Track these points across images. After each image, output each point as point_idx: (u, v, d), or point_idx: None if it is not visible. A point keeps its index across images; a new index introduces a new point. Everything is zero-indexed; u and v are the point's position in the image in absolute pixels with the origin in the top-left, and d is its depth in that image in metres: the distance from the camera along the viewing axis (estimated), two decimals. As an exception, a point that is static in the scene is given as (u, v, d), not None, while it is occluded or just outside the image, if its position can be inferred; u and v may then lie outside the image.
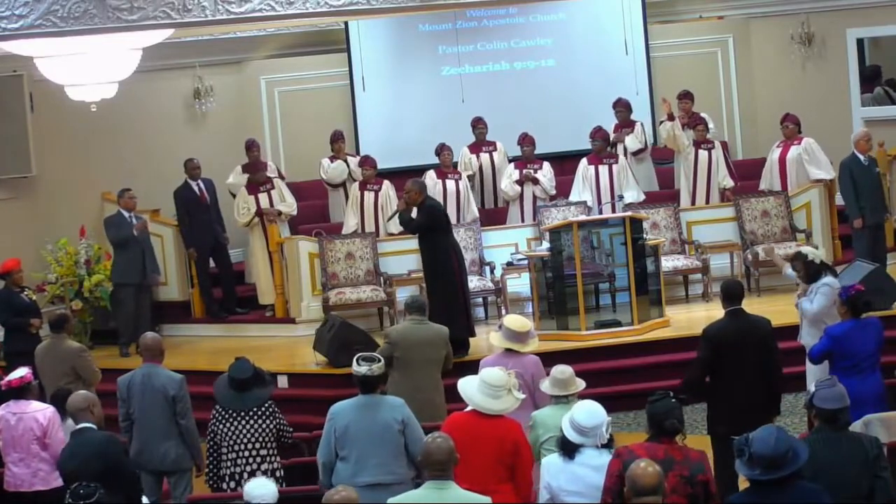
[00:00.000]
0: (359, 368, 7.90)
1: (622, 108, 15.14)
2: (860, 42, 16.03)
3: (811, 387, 7.06)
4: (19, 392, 9.23)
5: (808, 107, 15.24)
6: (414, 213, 12.14)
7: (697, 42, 16.49)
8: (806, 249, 10.34)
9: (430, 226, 12.05)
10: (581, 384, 8.08)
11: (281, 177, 15.17)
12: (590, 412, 7.01)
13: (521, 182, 14.76)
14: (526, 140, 14.89)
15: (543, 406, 8.28)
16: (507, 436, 7.36)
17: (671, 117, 14.55)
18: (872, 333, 9.25)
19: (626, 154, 14.95)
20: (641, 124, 15.15)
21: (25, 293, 12.59)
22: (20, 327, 12.24)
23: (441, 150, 14.77)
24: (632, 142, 15.00)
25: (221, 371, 12.61)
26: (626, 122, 15.12)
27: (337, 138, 15.09)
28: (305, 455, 9.48)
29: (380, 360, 7.98)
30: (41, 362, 10.77)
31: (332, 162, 15.03)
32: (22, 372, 9.31)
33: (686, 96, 15.11)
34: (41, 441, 9.15)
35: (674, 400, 6.78)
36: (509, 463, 7.30)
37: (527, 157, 14.88)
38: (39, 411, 9.21)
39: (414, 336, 9.97)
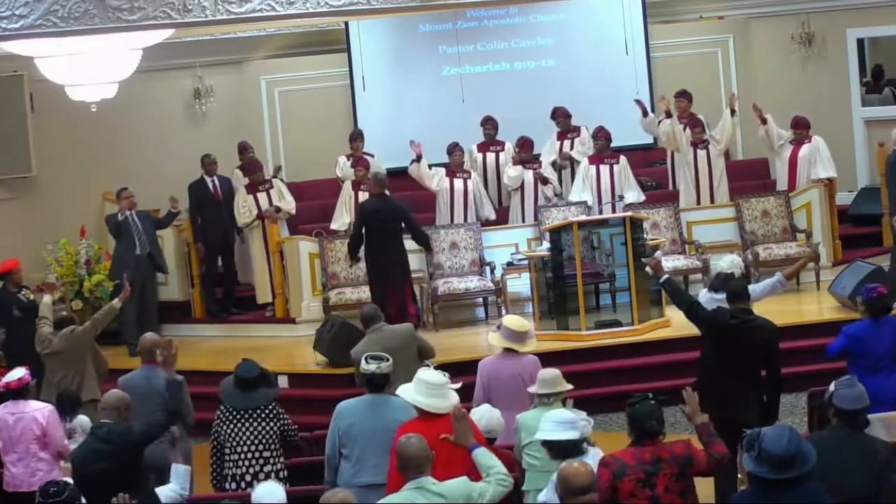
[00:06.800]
0: (367, 367, 7.87)
1: (562, 116, 15.15)
2: (860, 42, 16.05)
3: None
4: (17, 393, 9.23)
5: (808, 107, 15.22)
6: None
7: (697, 42, 16.48)
8: (724, 261, 10.20)
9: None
10: (568, 386, 8.06)
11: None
12: (562, 411, 7.18)
13: (519, 164, 14.71)
14: (525, 145, 14.85)
15: (541, 407, 8.26)
16: None
17: (668, 115, 14.58)
18: (890, 332, 9.17)
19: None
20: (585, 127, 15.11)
21: (23, 293, 12.60)
22: (19, 328, 12.24)
23: (453, 149, 14.76)
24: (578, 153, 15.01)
25: (222, 371, 12.70)
26: (569, 129, 15.12)
27: (355, 137, 15.04)
28: (305, 455, 9.48)
29: (388, 360, 7.94)
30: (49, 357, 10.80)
31: (348, 160, 14.96)
32: (20, 373, 9.30)
33: (683, 95, 15.10)
34: (41, 440, 9.15)
35: (653, 401, 6.79)
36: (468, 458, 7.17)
37: (526, 160, 14.85)
38: (38, 410, 9.22)
39: (376, 345, 9.55)
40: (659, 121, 14.93)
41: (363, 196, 14.44)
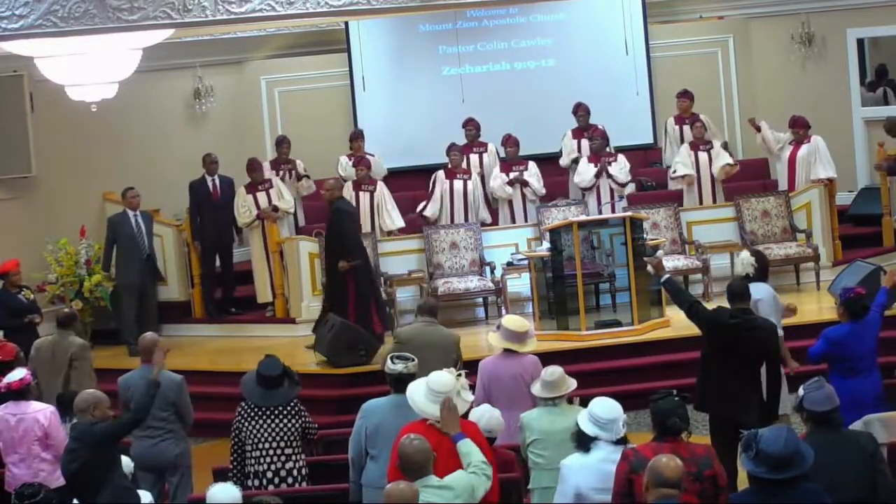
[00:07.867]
0: (393, 366, 7.86)
1: (584, 112, 15.17)
2: (860, 42, 16.04)
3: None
4: (19, 394, 9.23)
5: (808, 107, 15.21)
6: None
7: (697, 42, 16.49)
8: (737, 262, 10.22)
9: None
10: (572, 384, 8.04)
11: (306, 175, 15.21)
12: (608, 406, 7.06)
13: (511, 183, 14.70)
14: (509, 141, 14.85)
15: (542, 407, 8.24)
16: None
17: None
18: (870, 333, 9.18)
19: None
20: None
21: (23, 293, 12.60)
22: (19, 328, 12.24)
23: (450, 150, 14.76)
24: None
25: (222, 371, 12.75)
26: (587, 127, 15.10)
27: (355, 137, 15.05)
28: (305, 455, 9.47)
29: (413, 360, 7.92)
30: (40, 356, 10.77)
31: (349, 160, 14.97)
32: (21, 374, 9.31)
33: (685, 95, 15.12)
34: (42, 441, 9.15)
35: (676, 398, 6.78)
36: None
37: (511, 158, 14.84)
38: (40, 411, 9.22)
39: (426, 338, 9.72)
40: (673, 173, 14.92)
41: (364, 196, 14.47)
